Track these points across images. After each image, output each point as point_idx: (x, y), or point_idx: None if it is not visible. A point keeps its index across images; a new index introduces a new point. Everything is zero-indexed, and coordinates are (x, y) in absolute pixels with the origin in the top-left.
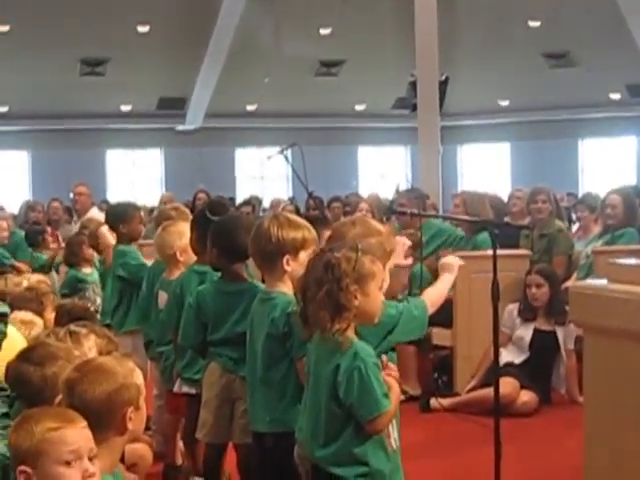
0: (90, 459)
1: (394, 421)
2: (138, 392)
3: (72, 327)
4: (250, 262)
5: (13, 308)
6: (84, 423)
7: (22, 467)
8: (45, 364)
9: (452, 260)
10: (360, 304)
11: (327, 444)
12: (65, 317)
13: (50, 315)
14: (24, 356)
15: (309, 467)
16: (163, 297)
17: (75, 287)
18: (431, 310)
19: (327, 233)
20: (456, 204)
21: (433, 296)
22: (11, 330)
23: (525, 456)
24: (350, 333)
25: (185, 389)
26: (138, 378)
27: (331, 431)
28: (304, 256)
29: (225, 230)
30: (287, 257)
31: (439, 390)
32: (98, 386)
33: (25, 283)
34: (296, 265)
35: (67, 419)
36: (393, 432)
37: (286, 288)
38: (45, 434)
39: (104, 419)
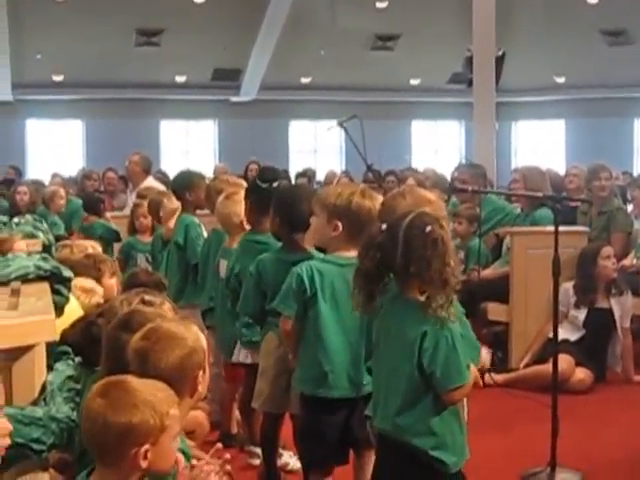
0: None
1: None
2: (204, 355)
3: (146, 296)
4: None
5: (75, 274)
6: None
7: (146, 447)
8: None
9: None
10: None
11: (403, 413)
12: (136, 286)
13: (108, 281)
14: (122, 324)
15: (380, 440)
16: (224, 265)
17: (129, 254)
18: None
19: None
20: (515, 179)
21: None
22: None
23: (580, 434)
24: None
25: (242, 358)
26: (204, 341)
27: (409, 400)
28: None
29: (287, 200)
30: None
31: (493, 366)
32: (171, 352)
33: (89, 249)
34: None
35: (174, 397)
36: (465, 406)
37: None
38: (170, 411)
39: (178, 384)
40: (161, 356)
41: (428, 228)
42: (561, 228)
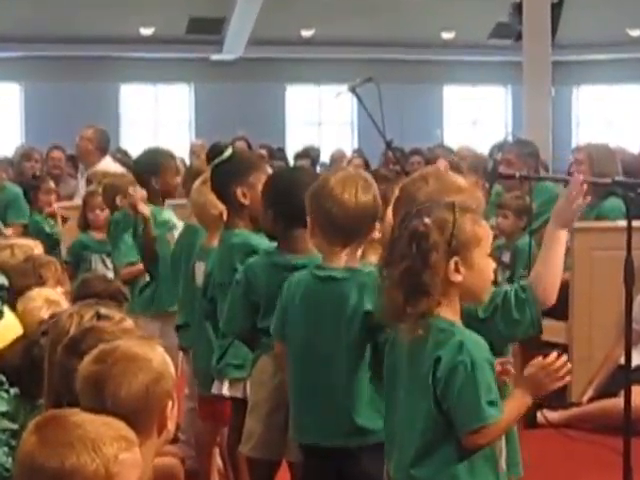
0: None
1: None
2: (173, 381)
3: (102, 309)
4: None
5: (12, 281)
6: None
7: None
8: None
9: (567, 203)
10: (464, 279)
11: (422, 460)
12: (89, 296)
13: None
14: (71, 346)
15: None
16: (201, 269)
17: (80, 255)
18: (548, 303)
19: None
20: (579, 160)
21: (548, 278)
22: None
23: None
24: (443, 315)
25: (226, 390)
26: (171, 365)
27: (428, 444)
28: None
29: (283, 187)
30: (378, 227)
31: (549, 400)
32: (133, 378)
33: (30, 249)
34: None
35: (131, 437)
36: (504, 450)
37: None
38: (119, 455)
39: (141, 418)
40: (121, 382)
41: (414, 221)
42: (636, 223)
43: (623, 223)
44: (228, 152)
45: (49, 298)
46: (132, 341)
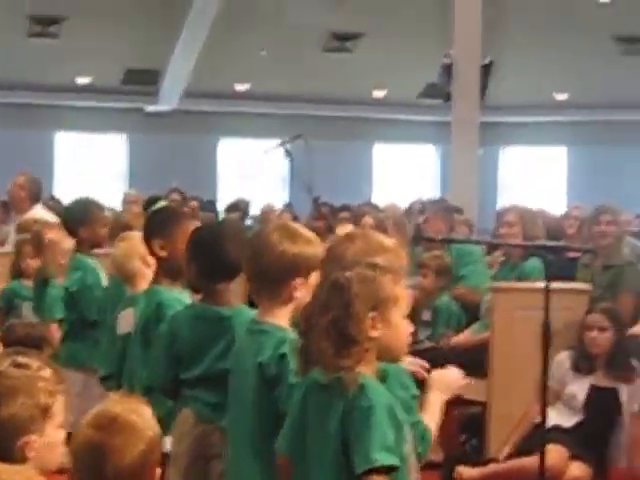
0: None
1: None
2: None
3: (19, 358)
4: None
5: None
6: None
7: None
8: (1, 403)
9: (451, 376)
10: (381, 335)
11: None
12: (13, 342)
13: None
14: None
15: None
16: (127, 317)
17: (11, 302)
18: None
19: None
20: (510, 222)
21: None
22: None
23: None
24: (364, 369)
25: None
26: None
27: None
28: (314, 280)
29: (207, 241)
30: (298, 281)
31: (467, 456)
32: (134, 449)
33: None
34: (306, 291)
35: None
36: None
37: (284, 320)
38: None
39: None
40: (123, 453)
41: (338, 276)
42: (555, 285)
43: (542, 284)
44: (159, 205)
45: None
46: (127, 406)
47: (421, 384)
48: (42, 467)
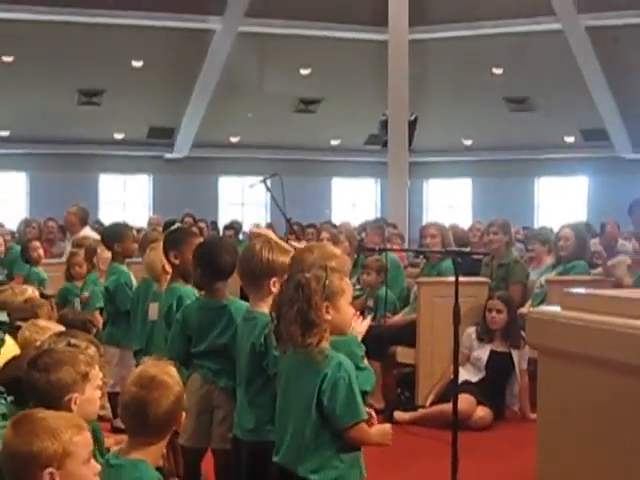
0: None
1: None
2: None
3: (72, 340)
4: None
5: (11, 317)
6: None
7: (50, 469)
8: (52, 370)
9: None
10: (332, 318)
11: (305, 453)
12: (65, 325)
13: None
14: (33, 362)
15: (282, 475)
16: (153, 308)
17: (66, 298)
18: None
19: None
20: (433, 234)
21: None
22: (7, 337)
23: (479, 469)
24: (324, 344)
25: None
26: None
27: (309, 440)
28: None
29: (208, 251)
30: (274, 279)
31: (402, 404)
32: (167, 399)
33: (28, 293)
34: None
35: (81, 424)
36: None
37: (267, 308)
38: (72, 438)
39: (169, 427)
40: (160, 404)
41: (299, 276)
42: (462, 279)
43: (453, 279)
44: (175, 226)
45: (45, 328)
46: (160, 368)
47: None
48: (83, 417)
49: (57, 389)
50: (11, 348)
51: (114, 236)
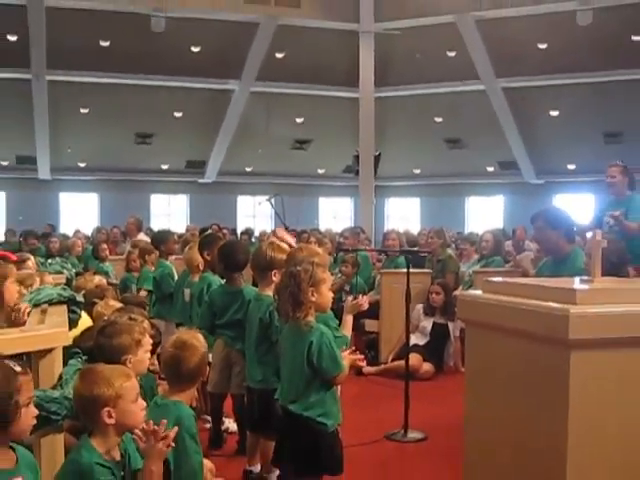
0: None
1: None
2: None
3: (132, 315)
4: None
5: (86, 298)
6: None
7: (107, 408)
8: (114, 337)
9: (351, 302)
10: (316, 300)
11: (299, 396)
12: (125, 303)
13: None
14: (101, 331)
15: (283, 412)
16: (187, 292)
17: (126, 284)
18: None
19: None
20: (393, 237)
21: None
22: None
23: (425, 409)
24: (310, 318)
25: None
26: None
27: (302, 387)
28: None
29: (228, 251)
30: (275, 271)
31: (368, 361)
32: (194, 358)
33: (97, 280)
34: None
35: (129, 373)
36: (338, 387)
37: (271, 292)
38: (123, 384)
39: (197, 377)
40: (190, 359)
41: (292, 268)
42: (412, 270)
43: (405, 270)
44: (206, 232)
45: (111, 306)
46: (190, 335)
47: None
48: (135, 372)
49: (117, 351)
50: (86, 321)
51: (161, 239)
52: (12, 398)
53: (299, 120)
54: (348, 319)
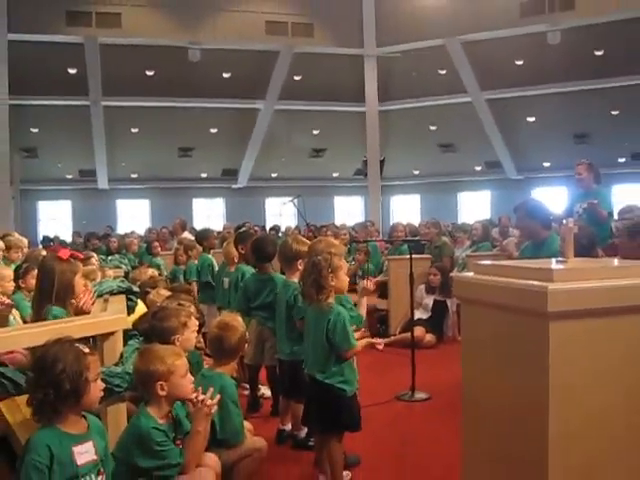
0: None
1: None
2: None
3: (181, 301)
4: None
5: (141, 288)
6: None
7: (160, 382)
8: (164, 320)
9: (365, 286)
10: (335, 284)
11: (322, 366)
12: (175, 291)
13: (162, 292)
14: (154, 315)
15: (310, 380)
16: (226, 281)
17: (175, 276)
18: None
19: None
20: (399, 229)
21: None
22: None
23: (429, 373)
24: (331, 300)
25: None
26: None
27: (324, 358)
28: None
29: (259, 244)
30: (300, 261)
31: (379, 333)
32: (235, 336)
33: (150, 273)
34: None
35: (180, 352)
36: (354, 358)
37: (296, 278)
38: (174, 362)
39: (237, 352)
40: (231, 339)
41: (314, 258)
42: (414, 256)
43: (408, 256)
44: (242, 229)
45: (162, 294)
46: (231, 317)
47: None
48: (184, 349)
49: (167, 332)
50: (142, 308)
51: (203, 236)
52: (83, 375)
53: (315, 132)
54: (363, 301)
